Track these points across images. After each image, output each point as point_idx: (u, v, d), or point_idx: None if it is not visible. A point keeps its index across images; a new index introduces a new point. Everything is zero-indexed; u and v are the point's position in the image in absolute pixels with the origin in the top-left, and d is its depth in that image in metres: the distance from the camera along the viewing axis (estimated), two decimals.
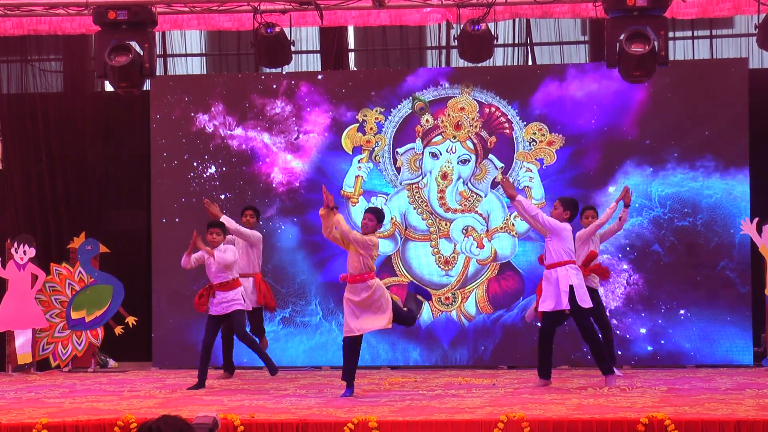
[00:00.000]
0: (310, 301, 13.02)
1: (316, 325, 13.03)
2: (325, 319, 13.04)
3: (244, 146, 13.26)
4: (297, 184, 13.18)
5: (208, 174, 13.29)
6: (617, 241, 12.57)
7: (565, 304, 10.11)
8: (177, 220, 13.17)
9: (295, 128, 13.25)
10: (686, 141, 12.65)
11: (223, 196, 13.21)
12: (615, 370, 10.85)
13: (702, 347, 12.55)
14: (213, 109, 13.35)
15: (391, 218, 12.93)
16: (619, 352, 12.28)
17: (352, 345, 9.84)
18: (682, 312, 12.62)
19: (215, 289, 10.76)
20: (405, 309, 10.08)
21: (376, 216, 9.93)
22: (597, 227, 11.04)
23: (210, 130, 13.33)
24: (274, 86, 13.35)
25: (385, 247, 12.82)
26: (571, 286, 10.13)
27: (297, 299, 13.06)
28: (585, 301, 10.21)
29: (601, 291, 11.62)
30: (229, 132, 13.31)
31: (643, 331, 12.62)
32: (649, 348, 12.57)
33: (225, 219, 11.45)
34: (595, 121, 12.79)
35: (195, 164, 13.29)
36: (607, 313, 11.71)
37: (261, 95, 13.30)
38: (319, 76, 13.34)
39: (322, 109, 13.19)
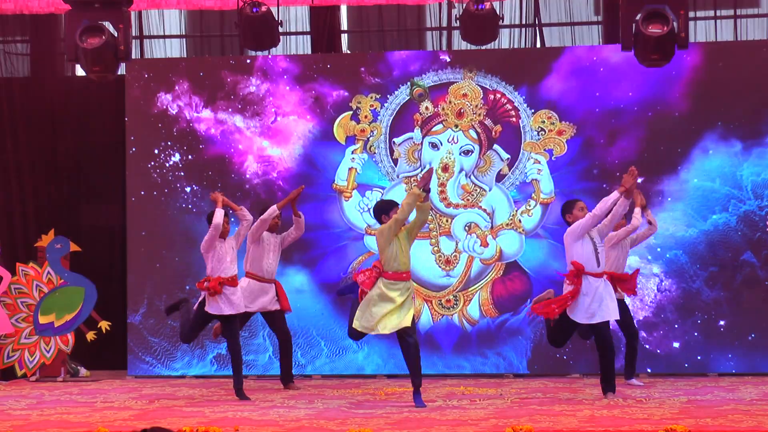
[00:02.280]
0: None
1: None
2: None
3: (213, 130, 13.23)
4: (274, 175, 13.15)
5: (171, 163, 13.25)
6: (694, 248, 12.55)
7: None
8: (154, 215, 13.15)
9: (273, 110, 13.22)
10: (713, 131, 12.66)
11: (189, 189, 13.18)
12: (634, 380, 11.26)
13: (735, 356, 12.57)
14: (177, 87, 13.30)
15: None
16: (649, 369, 12.35)
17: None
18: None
19: (226, 284, 10.69)
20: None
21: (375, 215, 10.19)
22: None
23: (173, 112, 13.30)
24: (248, 61, 13.32)
25: None
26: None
27: None
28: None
29: (628, 301, 11.65)
30: (195, 114, 13.27)
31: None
32: (686, 366, 12.60)
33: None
34: (605, 109, 12.78)
35: (156, 151, 13.25)
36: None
37: (232, 71, 13.27)
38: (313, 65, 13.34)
39: (304, 88, 13.15)
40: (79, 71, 13.83)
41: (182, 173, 13.23)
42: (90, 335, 13.04)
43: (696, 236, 12.65)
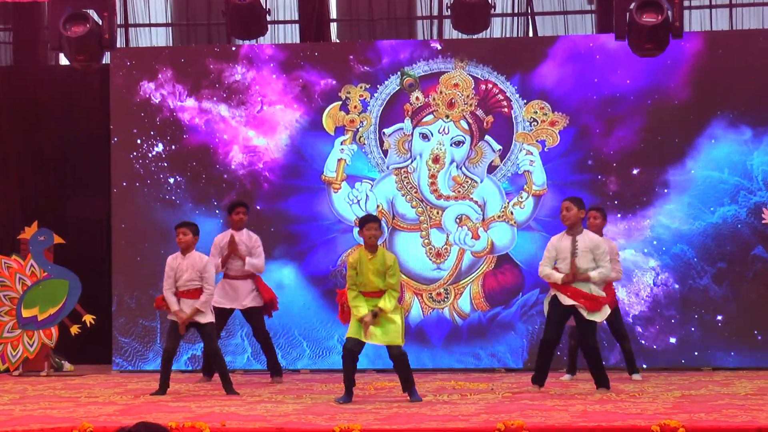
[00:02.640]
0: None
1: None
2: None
3: (197, 120, 13.21)
4: (260, 166, 13.13)
5: (154, 153, 13.23)
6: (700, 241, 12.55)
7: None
8: (136, 207, 13.11)
9: (258, 99, 13.20)
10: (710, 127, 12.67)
11: (172, 180, 13.15)
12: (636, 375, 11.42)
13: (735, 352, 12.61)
14: (160, 76, 13.26)
15: (377, 206, 12.92)
16: (644, 365, 12.38)
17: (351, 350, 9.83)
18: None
19: (180, 296, 10.66)
20: None
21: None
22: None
23: (156, 101, 13.26)
24: (233, 48, 13.30)
25: None
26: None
27: None
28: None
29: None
30: (179, 103, 13.24)
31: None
32: (683, 362, 12.63)
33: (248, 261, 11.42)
34: (602, 98, 12.79)
35: (138, 141, 13.22)
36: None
37: (217, 59, 13.24)
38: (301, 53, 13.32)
39: (291, 76, 13.13)
40: (63, 60, 13.79)
41: (165, 164, 13.20)
42: (74, 329, 13.00)
43: (703, 229, 12.63)
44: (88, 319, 12.99)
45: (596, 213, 11.29)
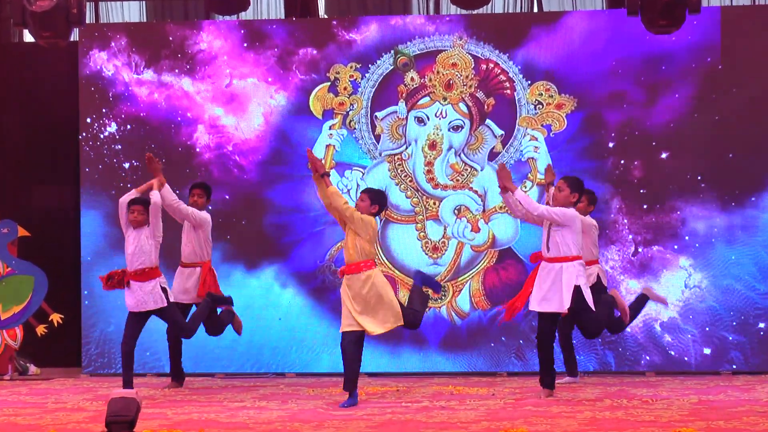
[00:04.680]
0: None
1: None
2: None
3: (156, 95, 13.16)
4: (229, 148, 13.09)
5: (106, 134, 13.17)
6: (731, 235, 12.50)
7: (567, 306, 10.23)
8: (113, 194, 13.05)
9: (227, 71, 13.15)
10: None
11: (127, 165, 13.09)
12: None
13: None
14: (113, 44, 13.17)
15: None
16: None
17: (353, 343, 9.99)
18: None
19: (129, 278, 10.74)
20: (410, 309, 10.24)
21: (369, 197, 10.21)
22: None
23: (109, 74, 13.19)
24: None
25: None
26: (576, 287, 10.25)
27: None
28: (591, 303, 10.34)
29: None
30: (135, 76, 13.18)
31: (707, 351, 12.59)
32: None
33: (165, 190, 11.24)
34: (612, 79, 12.79)
35: (88, 120, 13.16)
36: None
37: (180, 26, 13.19)
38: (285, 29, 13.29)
39: (265, 45, 13.09)
40: (28, 37, 13.75)
41: (119, 146, 13.12)
42: (40, 329, 13.00)
43: (743, 222, 12.56)
44: (56, 318, 12.98)
45: (585, 197, 11.31)
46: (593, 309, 10.28)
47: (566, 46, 12.86)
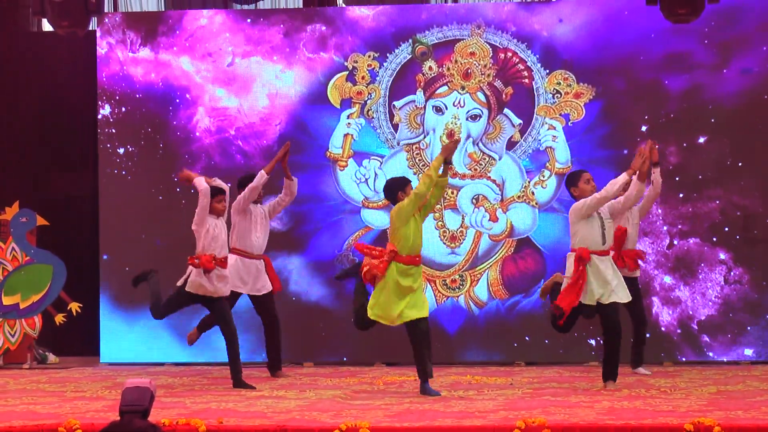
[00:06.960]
0: None
1: None
2: None
3: (152, 75, 13.15)
4: (231, 132, 13.08)
5: (99, 117, 13.13)
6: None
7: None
8: (129, 180, 13.05)
9: (229, 49, 13.13)
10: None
11: (121, 150, 13.07)
12: (642, 369, 11.30)
13: None
14: (107, 20, 13.10)
15: None
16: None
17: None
18: None
19: (218, 264, 10.58)
20: (360, 308, 10.20)
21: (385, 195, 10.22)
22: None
23: (102, 51, 13.17)
24: None
25: (380, 219, 12.83)
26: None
27: None
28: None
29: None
30: (130, 54, 13.15)
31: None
32: None
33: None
34: (632, 68, 12.76)
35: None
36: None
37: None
38: (310, 28, 13.29)
39: (270, 21, 13.06)
40: (46, 26, 13.78)
41: (113, 130, 13.11)
42: (59, 318, 13.04)
43: None
44: (74, 307, 13.02)
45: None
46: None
47: (585, 35, 12.84)
